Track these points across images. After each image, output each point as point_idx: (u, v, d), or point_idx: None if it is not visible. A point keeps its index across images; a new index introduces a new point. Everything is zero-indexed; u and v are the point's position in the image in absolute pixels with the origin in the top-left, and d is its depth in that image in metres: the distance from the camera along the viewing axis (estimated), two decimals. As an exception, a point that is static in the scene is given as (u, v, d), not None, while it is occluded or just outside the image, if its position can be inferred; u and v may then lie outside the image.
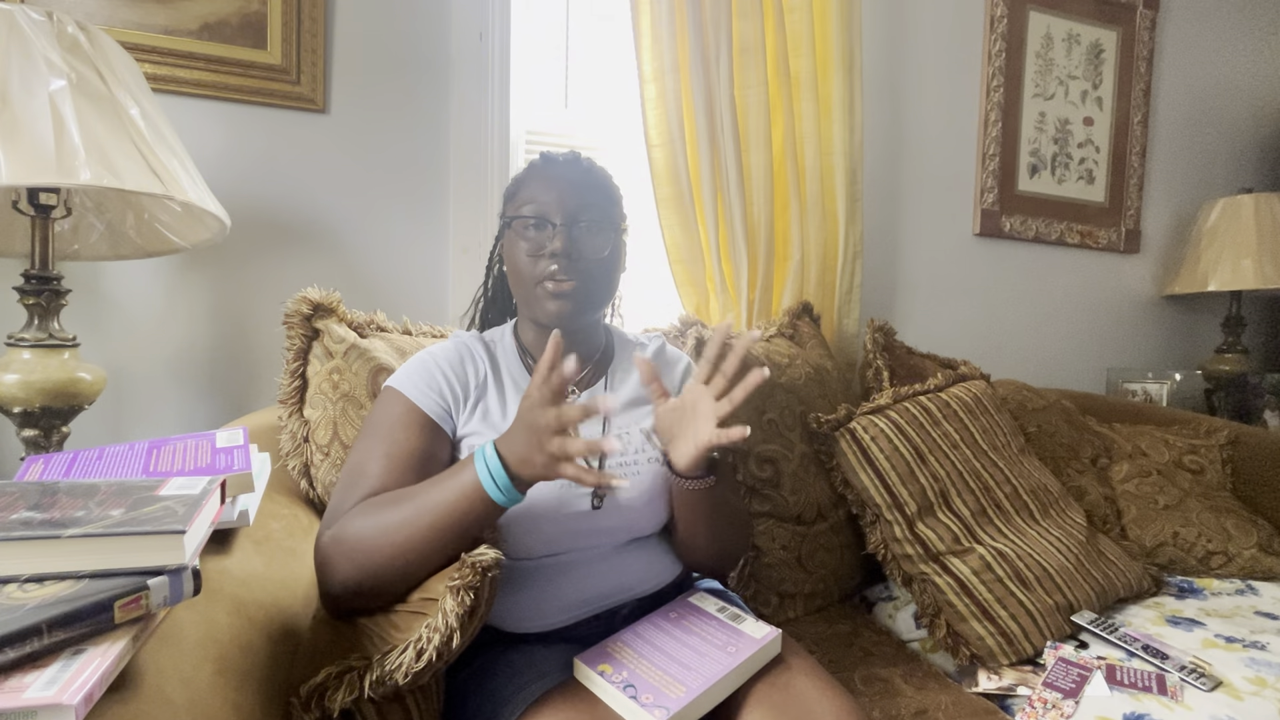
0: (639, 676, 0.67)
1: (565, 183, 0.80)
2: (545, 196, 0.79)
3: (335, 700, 0.58)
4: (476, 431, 0.77)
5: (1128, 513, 1.40)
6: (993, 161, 1.83)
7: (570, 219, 0.78)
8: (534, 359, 0.85)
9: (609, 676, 0.67)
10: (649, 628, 0.75)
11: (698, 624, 0.76)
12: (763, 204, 1.44)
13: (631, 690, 0.65)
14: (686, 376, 0.94)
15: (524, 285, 0.80)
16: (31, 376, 0.90)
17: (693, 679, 0.66)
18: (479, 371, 0.81)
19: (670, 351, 0.95)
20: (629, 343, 0.93)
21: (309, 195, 1.27)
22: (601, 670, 0.68)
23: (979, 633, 1.00)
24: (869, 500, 1.12)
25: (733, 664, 0.69)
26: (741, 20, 1.41)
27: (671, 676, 0.67)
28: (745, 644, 0.72)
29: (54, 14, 0.86)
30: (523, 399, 0.63)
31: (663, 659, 0.69)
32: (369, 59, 1.30)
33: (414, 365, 0.80)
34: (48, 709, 0.38)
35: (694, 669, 0.68)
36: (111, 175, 0.82)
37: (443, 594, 0.60)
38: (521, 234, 0.79)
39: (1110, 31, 1.96)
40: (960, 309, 1.85)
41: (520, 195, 0.82)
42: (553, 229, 0.78)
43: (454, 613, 0.58)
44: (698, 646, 0.71)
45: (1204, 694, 0.89)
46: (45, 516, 0.50)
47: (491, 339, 0.87)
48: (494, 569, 0.60)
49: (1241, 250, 1.88)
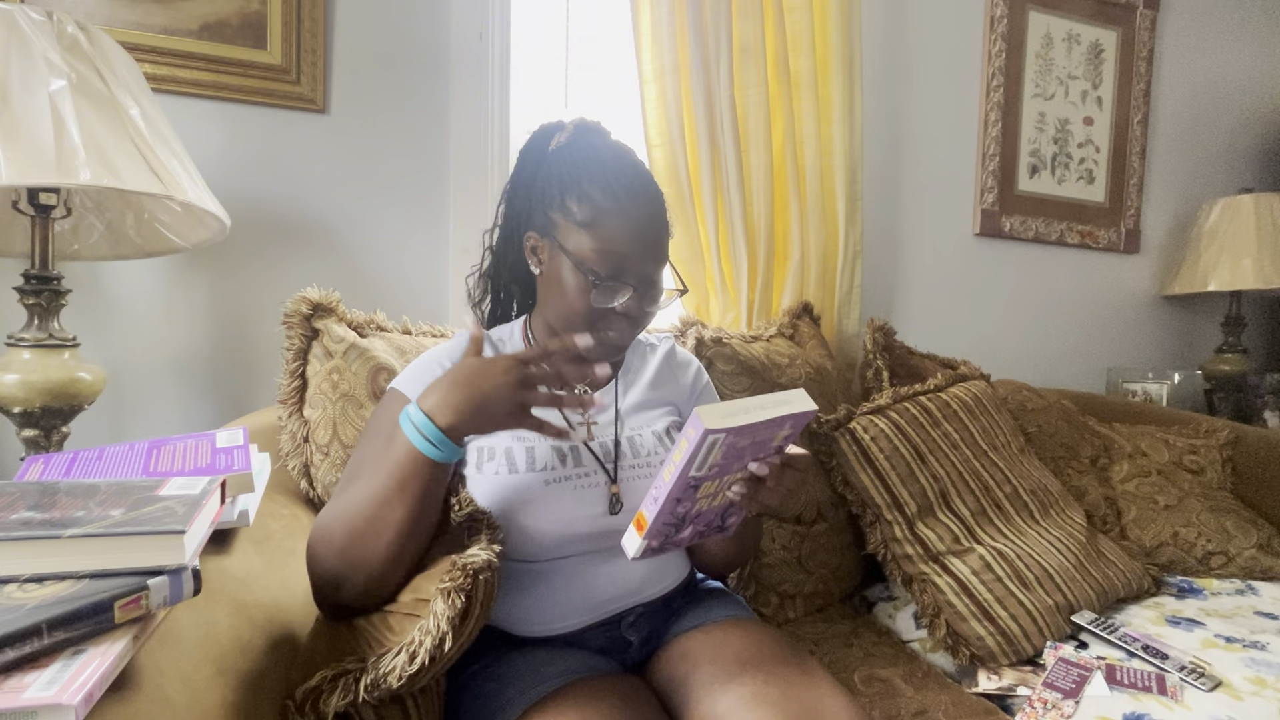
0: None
1: (648, 238, 0.75)
2: (627, 249, 0.74)
3: (330, 704, 0.58)
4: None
5: (1128, 513, 1.40)
6: (993, 161, 1.83)
7: (646, 281, 0.76)
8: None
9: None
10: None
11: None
12: (763, 204, 1.44)
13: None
14: (697, 380, 0.94)
15: (572, 319, 0.76)
16: (31, 376, 0.90)
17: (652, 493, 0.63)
18: None
19: (680, 354, 0.95)
20: (640, 344, 0.93)
21: (309, 195, 1.27)
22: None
23: (979, 633, 1.00)
24: (869, 500, 1.12)
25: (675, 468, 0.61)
26: (741, 20, 1.41)
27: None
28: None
29: (54, 14, 0.86)
30: (494, 359, 0.62)
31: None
32: (369, 59, 1.30)
33: (418, 367, 0.79)
34: (48, 709, 0.38)
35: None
36: (111, 175, 0.82)
37: (433, 596, 0.59)
38: (589, 276, 0.74)
39: (1110, 31, 1.96)
40: (960, 309, 1.85)
41: (595, 231, 0.74)
42: (630, 290, 0.75)
43: (445, 615, 0.57)
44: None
45: (1204, 694, 0.89)
46: (45, 516, 0.50)
47: (499, 337, 0.86)
48: (485, 571, 0.59)
49: (1241, 250, 1.88)
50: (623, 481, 0.78)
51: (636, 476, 0.79)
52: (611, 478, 0.78)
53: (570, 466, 0.77)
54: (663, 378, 0.90)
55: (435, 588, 0.60)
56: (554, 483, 0.75)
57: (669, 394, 0.90)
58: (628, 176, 0.77)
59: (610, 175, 0.76)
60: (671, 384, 0.91)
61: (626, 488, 0.78)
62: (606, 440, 0.81)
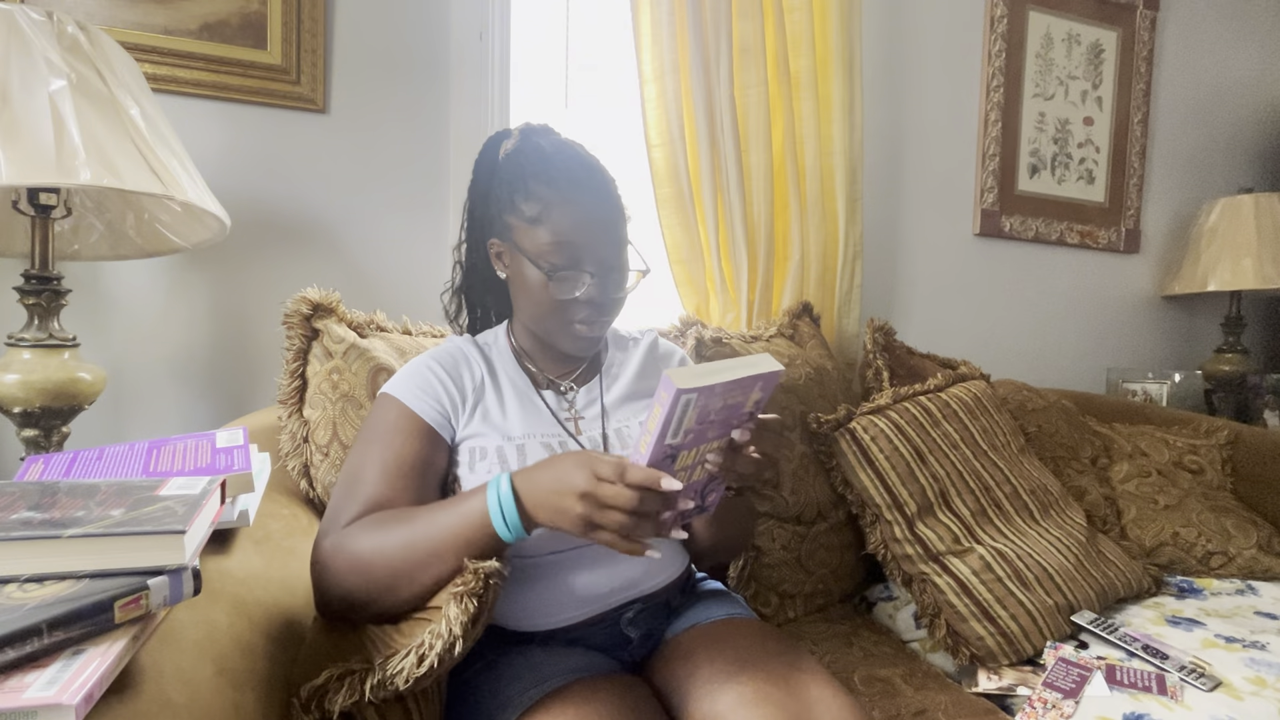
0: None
1: (598, 223, 0.76)
2: (577, 238, 0.74)
3: (335, 702, 0.58)
4: (479, 433, 0.77)
5: (1128, 513, 1.40)
6: (993, 161, 1.83)
7: (604, 267, 0.76)
8: (531, 362, 0.85)
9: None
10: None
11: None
12: (763, 204, 1.44)
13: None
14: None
15: (543, 318, 0.78)
16: (31, 376, 0.90)
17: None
18: (475, 375, 0.81)
19: (663, 345, 0.96)
20: (622, 338, 0.94)
21: (309, 195, 1.27)
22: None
23: (979, 633, 1.00)
24: (869, 500, 1.12)
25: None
26: (741, 20, 1.41)
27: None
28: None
29: (54, 14, 0.86)
30: (583, 457, 0.60)
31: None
32: (369, 59, 1.30)
33: (410, 372, 0.79)
34: (48, 709, 0.38)
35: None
36: (111, 175, 0.82)
37: (446, 601, 0.60)
38: (548, 273, 0.75)
39: (1110, 31, 1.96)
40: (960, 309, 1.85)
41: (544, 225, 0.75)
42: (588, 277, 0.75)
43: (458, 620, 0.58)
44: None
45: (1204, 694, 0.89)
46: (45, 516, 0.50)
47: (485, 342, 0.87)
48: (496, 576, 0.60)
49: (1241, 250, 1.88)
50: None
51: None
52: None
53: None
54: (647, 370, 0.91)
55: (449, 592, 0.60)
56: None
57: (653, 386, 0.90)
58: (570, 168, 0.77)
59: (554, 169, 0.77)
60: (656, 376, 0.91)
61: None
62: (594, 434, 0.82)
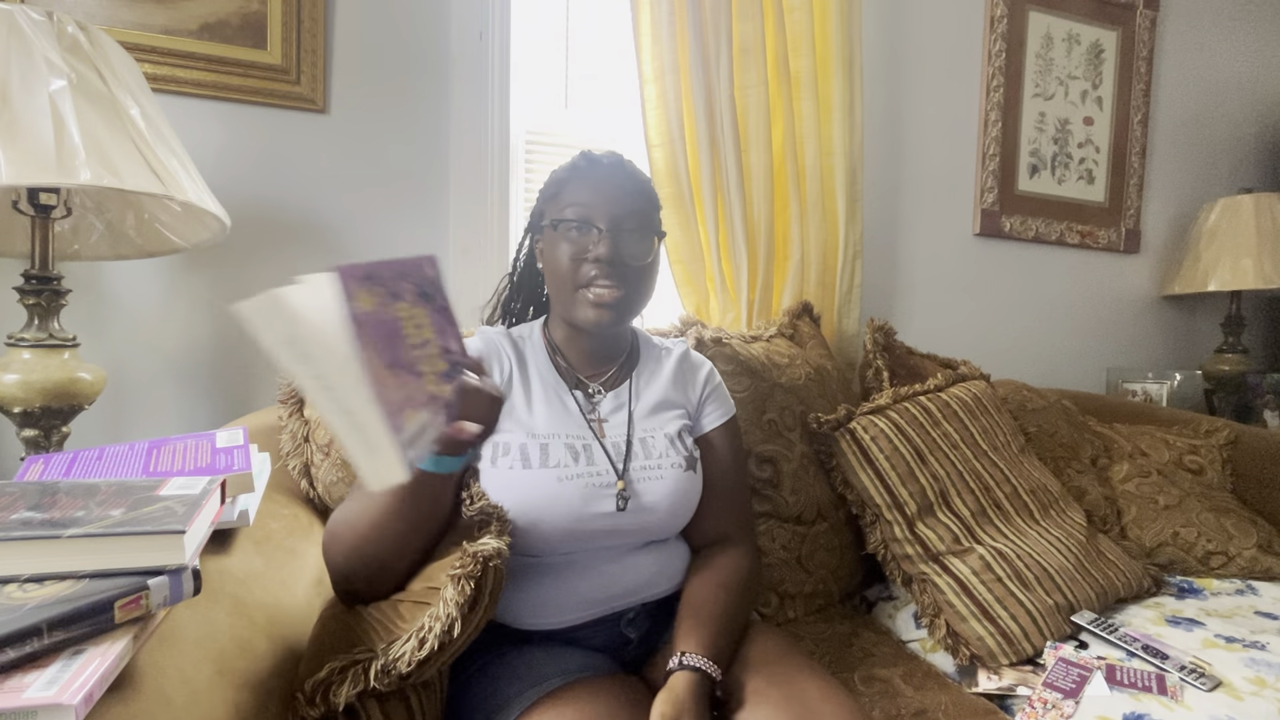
0: None
1: (610, 187, 0.80)
2: (590, 200, 0.79)
3: (340, 694, 0.58)
4: (503, 428, 0.78)
5: (1128, 513, 1.40)
6: (993, 161, 1.83)
7: (615, 225, 0.78)
8: (564, 358, 0.86)
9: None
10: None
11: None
12: (763, 204, 1.44)
13: None
14: (708, 382, 0.94)
15: (563, 288, 0.80)
16: (31, 376, 0.90)
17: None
18: (504, 368, 0.82)
19: (694, 357, 0.96)
20: (654, 346, 0.94)
21: (309, 195, 1.27)
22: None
23: (979, 633, 1.00)
24: (869, 500, 1.12)
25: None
26: (741, 20, 1.41)
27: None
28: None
29: (54, 14, 0.86)
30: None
31: None
32: (369, 59, 1.30)
33: None
34: (48, 709, 0.38)
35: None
36: (111, 175, 0.82)
37: (444, 583, 0.60)
38: (564, 236, 0.79)
39: (1110, 31, 1.96)
40: (960, 309, 1.85)
41: (563, 196, 0.81)
42: (598, 233, 0.78)
43: (454, 601, 0.59)
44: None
45: (1204, 694, 0.89)
46: (45, 516, 0.50)
47: (520, 335, 0.88)
48: (495, 559, 0.61)
49: (1241, 250, 1.88)
50: (632, 481, 0.79)
51: (646, 478, 0.80)
52: (620, 476, 0.79)
53: (582, 464, 0.78)
54: (677, 381, 0.91)
55: (446, 575, 0.61)
56: (566, 480, 0.76)
57: (682, 397, 0.90)
58: (598, 156, 0.84)
59: (585, 158, 0.84)
60: (685, 387, 0.91)
61: (635, 488, 0.79)
62: (619, 439, 0.82)
